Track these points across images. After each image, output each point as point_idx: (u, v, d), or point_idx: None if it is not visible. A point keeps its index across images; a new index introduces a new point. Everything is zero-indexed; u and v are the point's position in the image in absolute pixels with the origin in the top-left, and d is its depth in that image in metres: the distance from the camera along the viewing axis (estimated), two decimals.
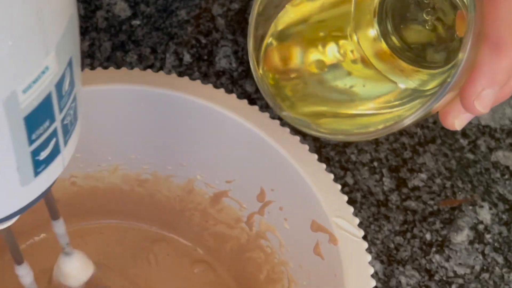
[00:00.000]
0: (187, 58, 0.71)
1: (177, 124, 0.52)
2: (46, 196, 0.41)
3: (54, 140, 0.33)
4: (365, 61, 0.39)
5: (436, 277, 0.61)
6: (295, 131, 0.46)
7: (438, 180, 0.67)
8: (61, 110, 0.33)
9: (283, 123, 0.47)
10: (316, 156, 0.47)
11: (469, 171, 0.68)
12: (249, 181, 0.51)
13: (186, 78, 0.51)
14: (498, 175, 0.68)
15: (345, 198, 0.45)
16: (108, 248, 0.59)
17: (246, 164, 0.51)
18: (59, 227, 0.46)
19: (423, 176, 0.67)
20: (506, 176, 0.67)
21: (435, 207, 0.65)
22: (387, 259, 0.44)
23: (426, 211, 0.65)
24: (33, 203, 0.35)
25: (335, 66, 0.41)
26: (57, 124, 0.33)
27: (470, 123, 0.71)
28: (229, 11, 0.74)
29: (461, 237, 0.63)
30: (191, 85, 0.50)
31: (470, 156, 0.69)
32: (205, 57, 0.71)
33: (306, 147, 0.47)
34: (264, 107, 0.51)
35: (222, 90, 0.50)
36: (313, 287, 0.47)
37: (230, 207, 0.54)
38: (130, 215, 0.61)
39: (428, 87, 0.37)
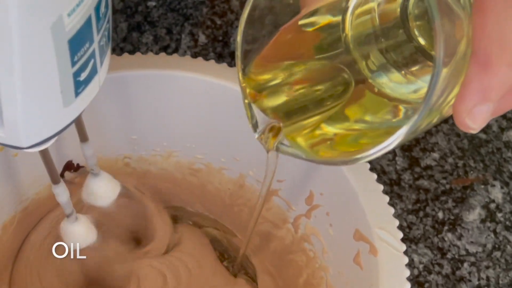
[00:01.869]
0: (202, 39, 0.70)
1: (233, 118, 0.51)
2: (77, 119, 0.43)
3: (92, 61, 0.35)
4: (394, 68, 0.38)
5: (448, 255, 0.60)
6: None
7: (450, 160, 0.67)
8: (98, 31, 0.35)
9: None
10: (368, 166, 0.46)
11: (481, 150, 0.67)
12: (300, 182, 0.51)
13: None
14: (509, 154, 0.67)
15: (392, 210, 0.44)
16: None
17: (298, 165, 0.50)
18: (88, 149, 0.47)
19: (436, 155, 0.67)
20: None
21: (448, 186, 0.65)
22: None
23: (438, 190, 0.64)
24: (71, 123, 0.37)
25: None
26: (95, 45, 0.35)
27: None
28: None
29: (473, 215, 0.63)
30: None
31: (482, 135, 0.69)
32: (220, 38, 0.71)
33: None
34: None
35: None
36: None
37: (279, 207, 0.54)
38: (180, 203, 0.61)
39: None
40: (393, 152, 0.66)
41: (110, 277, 0.54)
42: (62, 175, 0.56)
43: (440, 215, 0.63)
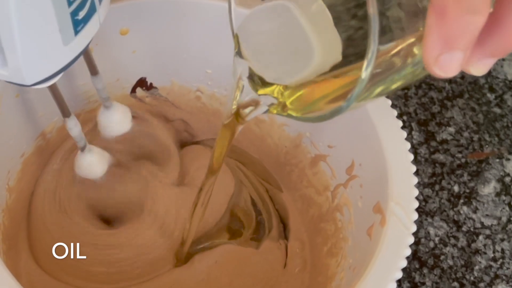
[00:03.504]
0: None
1: None
2: (86, 54, 0.45)
3: None
4: None
5: (464, 228, 0.60)
6: (400, 115, 0.44)
7: (465, 134, 0.66)
8: None
9: (393, 105, 0.46)
10: (408, 146, 0.45)
11: (496, 124, 0.67)
12: (346, 150, 0.50)
13: None
14: None
15: (416, 192, 0.43)
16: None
17: (347, 132, 0.50)
18: (98, 82, 0.48)
19: (451, 129, 0.66)
20: None
21: (463, 160, 0.65)
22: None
23: (454, 163, 0.64)
24: (74, 61, 0.38)
25: None
26: None
27: (497, 77, 0.70)
28: None
29: (488, 189, 0.63)
30: None
31: (497, 110, 0.68)
32: None
33: (404, 134, 0.46)
34: None
35: None
36: (354, 265, 0.46)
37: (324, 173, 0.54)
38: (237, 152, 0.61)
39: None
40: (409, 126, 0.66)
41: (127, 199, 0.55)
42: (133, 90, 0.58)
43: (456, 188, 0.63)
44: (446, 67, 0.30)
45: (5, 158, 0.49)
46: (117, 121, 0.52)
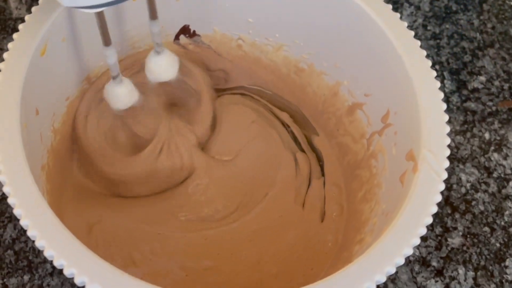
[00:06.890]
0: None
1: (341, 25, 0.50)
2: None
3: None
4: None
5: (495, 174, 0.60)
6: (433, 64, 0.44)
7: (496, 83, 0.65)
8: None
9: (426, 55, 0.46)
10: (442, 96, 0.44)
11: None
12: (381, 99, 0.50)
13: None
14: None
15: (448, 140, 0.43)
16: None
17: (383, 81, 0.49)
18: (155, 26, 0.47)
19: (482, 78, 0.65)
20: None
21: (494, 108, 0.64)
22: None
23: (485, 111, 0.63)
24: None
25: None
26: None
27: None
28: None
29: None
30: None
31: None
32: None
33: (438, 84, 0.45)
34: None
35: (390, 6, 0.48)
36: (387, 211, 0.45)
37: (360, 121, 0.53)
38: (277, 100, 0.61)
39: None
40: (441, 75, 0.65)
41: (145, 141, 0.54)
42: (177, 38, 0.57)
43: (487, 136, 0.62)
44: None
45: (51, 100, 0.49)
46: (165, 67, 0.51)
